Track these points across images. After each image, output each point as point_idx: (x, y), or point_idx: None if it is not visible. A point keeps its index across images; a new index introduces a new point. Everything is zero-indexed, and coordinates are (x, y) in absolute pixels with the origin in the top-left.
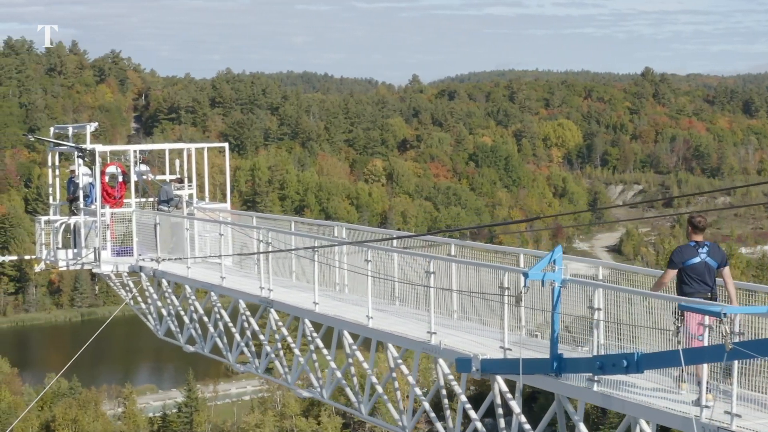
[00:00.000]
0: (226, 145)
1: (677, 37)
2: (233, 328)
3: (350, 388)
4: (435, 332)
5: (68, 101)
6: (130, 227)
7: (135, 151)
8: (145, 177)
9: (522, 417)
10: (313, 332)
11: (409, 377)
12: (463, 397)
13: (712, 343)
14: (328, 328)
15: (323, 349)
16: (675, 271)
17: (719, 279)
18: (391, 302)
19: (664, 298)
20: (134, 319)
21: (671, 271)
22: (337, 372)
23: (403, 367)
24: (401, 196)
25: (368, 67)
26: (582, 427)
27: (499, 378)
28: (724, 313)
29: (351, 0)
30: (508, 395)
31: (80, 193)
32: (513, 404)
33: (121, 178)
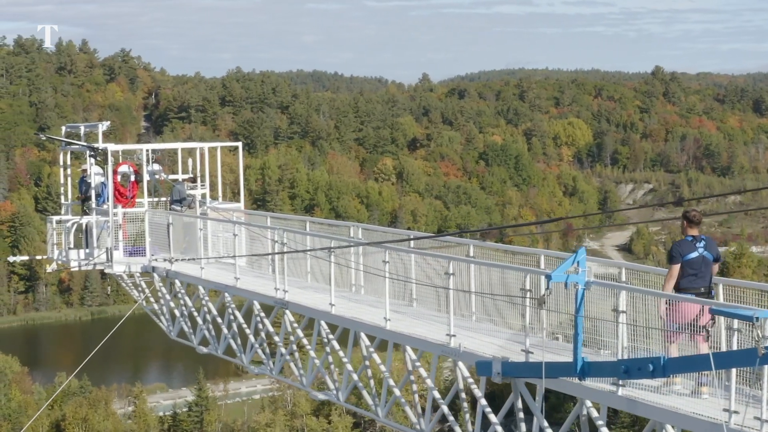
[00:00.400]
0: (240, 144)
1: (687, 35)
2: (247, 329)
3: (367, 390)
4: (455, 335)
5: (78, 100)
6: (142, 227)
7: (147, 150)
8: (157, 176)
9: (544, 421)
10: (329, 334)
11: (428, 380)
12: (483, 400)
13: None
14: (343, 329)
15: (339, 351)
16: (679, 266)
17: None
18: (408, 304)
19: (690, 300)
20: (144, 317)
21: (676, 266)
22: (353, 374)
23: (422, 370)
24: (411, 195)
25: (378, 65)
26: (605, 431)
27: (520, 381)
28: (757, 317)
29: None
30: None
31: (92, 192)
32: (534, 408)
33: (133, 178)
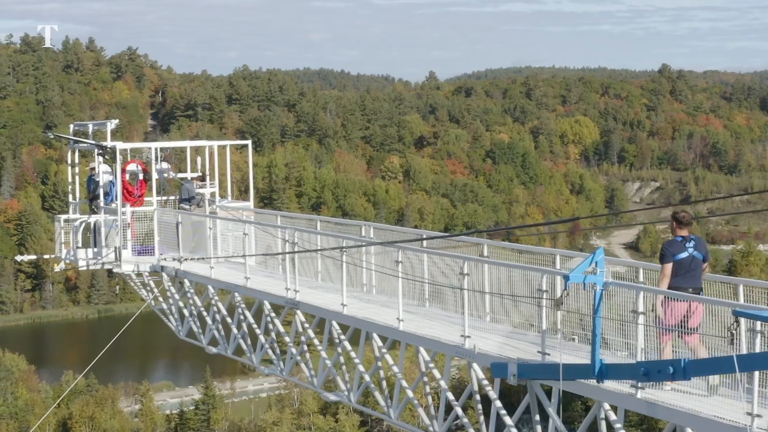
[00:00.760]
0: (249, 142)
1: (694, 33)
2: (257, 330)
3: (379, 392)
4: (469, 336)
5: (85, 98)
6: (150, 226)
7: (156, 148)
8: (166, 175)
9: (560, 424)
10: (341, 334)
11: (441, 381)
12: (498, 402)
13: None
14: (353, 329)
15: (351, 351)
16: (671, 265)
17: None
18: (421, 304)
19: (710, 302)
20: (151, 316)
21: (668, 266)
22: (365, 375)
23: (435, 371)
24: (418, 193)
25: (385, 63)
26: None
27: (535, 383)
28: None
29: None
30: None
31: (101, 191)
32: (551, 410)
33: (141, 176)
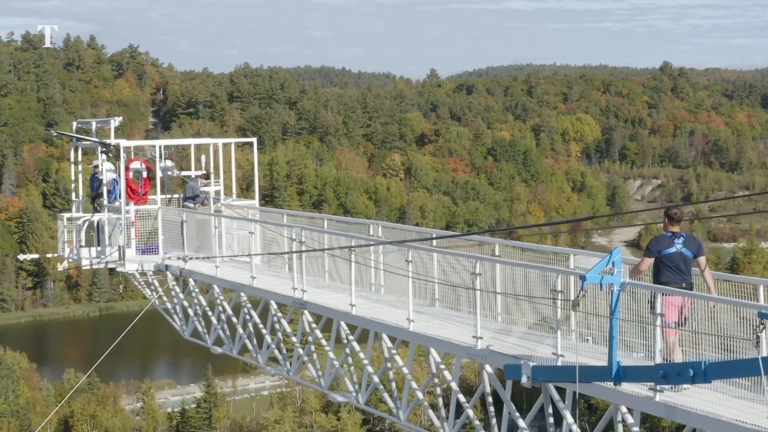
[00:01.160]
0: (254, 140)
1: (696, 31)
2: (263, 330)
3: (388, 393)
4: (481, 337)
5: (86, 96)
6: (154, 225)
7: (160, 146)
8: (169, 173)
9: (575, 427)
10: (349, 335)
11: (453, 383)
12: (511, 404)
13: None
14: (361, 330)
15: (360, 352)
16: (651, 260)
17: (696, 269)
18: (431, 304)
19: (730, 302)
20: (152, 313)
21: (647, 260)
22: (374, 376)
23: (446, 373)
24: (419, 190)
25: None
26: None
27: (550, 385)
28: None
29: None
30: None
31: (104, 189)
32: (566, 413)
33: (145, 174)
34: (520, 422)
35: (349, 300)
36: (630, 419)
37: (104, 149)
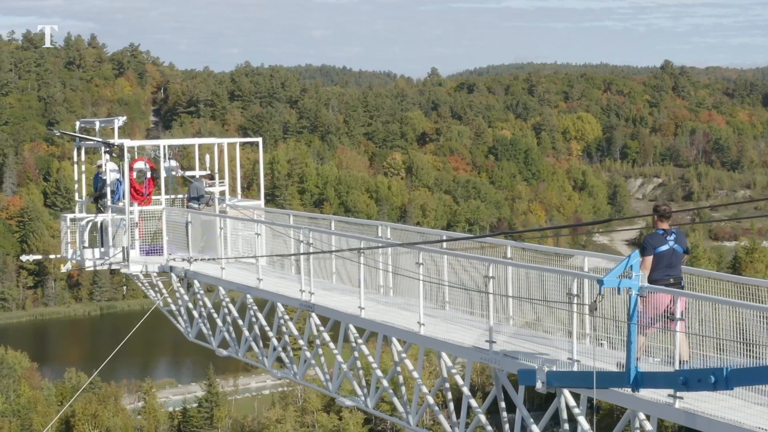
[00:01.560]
0: (260, 140)
1: (697, 30)
2: (270, 332)
3: (397, 397)
4: (495, 341)
5: (87, 95)
6: (158, 225)
7: (164, 146)
8: (174, 173)
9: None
10: (358, 338)
11: (464, 388)
12: (524, 410)
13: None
14: (369, 332)
15: (369, 356)
16: (651, 257)
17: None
18: (441, 307)
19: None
20: (154, 312)
21: (648, 258)
22: (383, 380)
23: (458, 377)
24: (421, 189)
25: (387, 60)
26: None
27: (565, 391)
28: None
29: None
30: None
31: (108, 189)
32: (581, 419)
33: (149, 174)
34: (534, 429)
35: (358, 303)
36: (648, 426)
37: (108, 149)
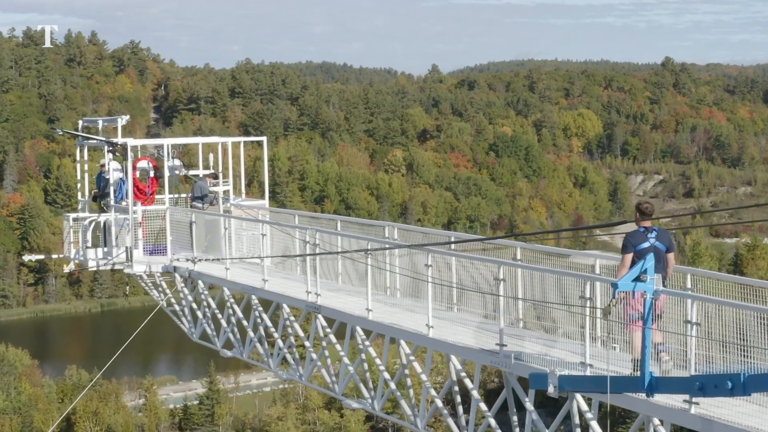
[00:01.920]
0: (265, 139)
1: (697, 26)
2: (275, 333)
3: (405, 400)
4: (505, 344)
5: (87, 92)
6: (162, 225)
7: (168, 145)
8: (177, 172)
9: None
10: (365, 340)
11: (474, 392)
12: (534, 414)
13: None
14: (376, 334)
15: (376, 358)
16: (631, 256)
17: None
18: (449, 308)
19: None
20: (153, 309)
21: (628, 256)
22: (391, 383)
23: (467, 381)
24: (421, 186)
25: (388, 56)
26: None
27: (578, 395)
28: None
29: None
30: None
31: (111, 189)
32: (593, 424)
33: (152, 174)
34: None
35: (365, 304)
36: (662, 431)
37: (111, 148)
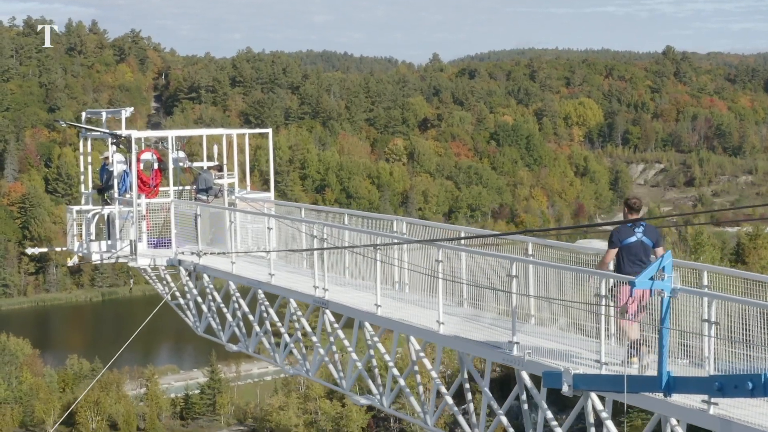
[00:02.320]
0: (270, 131)
1: (698, 15)
2: (281, 327)
3: (415, 397)
4: (518, 342)
5: (88, 81)
6: (166, 218)
7: (172, 137)
8: (181, 164)
9: None
10: (374, 336)
11: (485, 389)
12: (549, 413)
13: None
14: (384, 329)
15: (385, 354)
16: (615, 250)
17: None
18: (458, 304)
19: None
20: (156, 299)
21: (612, 251)
22: (400, 379)
23: (479, 378)
24: (422, 175)
25: (388, 45)
26: None
27: (593, 394)
28: None
29: None
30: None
31: (115, 181)
32: (608, 423)
33: (156, 166)
34: (558, 431)
35: (374, 300)
36: (679, 431)
37: (114, 140)
